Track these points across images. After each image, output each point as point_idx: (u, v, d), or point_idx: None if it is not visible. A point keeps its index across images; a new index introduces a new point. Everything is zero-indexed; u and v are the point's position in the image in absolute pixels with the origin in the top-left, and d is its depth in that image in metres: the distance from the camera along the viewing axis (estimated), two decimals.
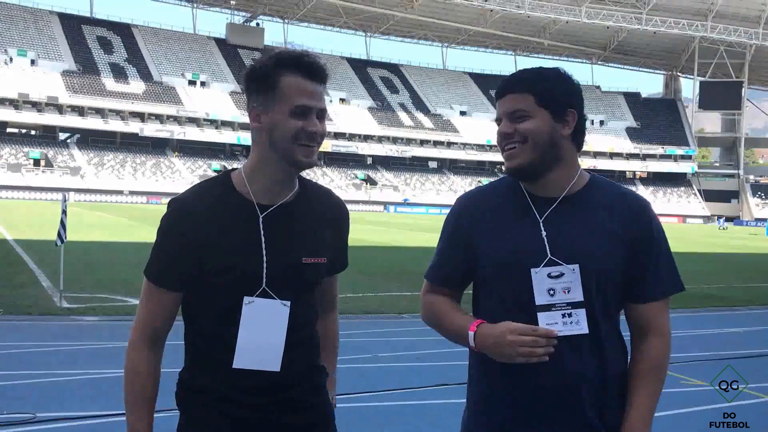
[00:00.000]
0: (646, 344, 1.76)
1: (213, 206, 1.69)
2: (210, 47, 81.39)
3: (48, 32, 71.91)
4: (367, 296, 10.39)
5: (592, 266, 1.69)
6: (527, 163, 1.72)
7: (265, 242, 1.69)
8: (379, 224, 37.74)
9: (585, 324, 1.68)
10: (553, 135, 1.72)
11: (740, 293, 13.07)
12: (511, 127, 1.72)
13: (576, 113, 1.75)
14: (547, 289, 1.69)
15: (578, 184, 1.78)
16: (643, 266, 1.74)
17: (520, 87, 1.73)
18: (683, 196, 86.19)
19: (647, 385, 1.74)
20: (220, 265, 1.67)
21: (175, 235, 1.68)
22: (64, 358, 6.48)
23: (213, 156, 71.49)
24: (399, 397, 5.45)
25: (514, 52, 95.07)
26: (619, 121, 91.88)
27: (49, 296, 9.62)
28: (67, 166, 62.54)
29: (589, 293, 1.69)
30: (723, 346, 8.04)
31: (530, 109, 1.71)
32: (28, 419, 4.62)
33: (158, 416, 1.76)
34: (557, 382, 1.68)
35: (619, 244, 1.71)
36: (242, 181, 1.72)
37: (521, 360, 1.64)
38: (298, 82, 1.64)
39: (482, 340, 1.69)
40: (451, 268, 1.86)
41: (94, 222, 28.81)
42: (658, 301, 1.76)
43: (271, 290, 1.69)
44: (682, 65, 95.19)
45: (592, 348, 1.70)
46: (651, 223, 1.76)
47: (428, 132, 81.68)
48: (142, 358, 1.71)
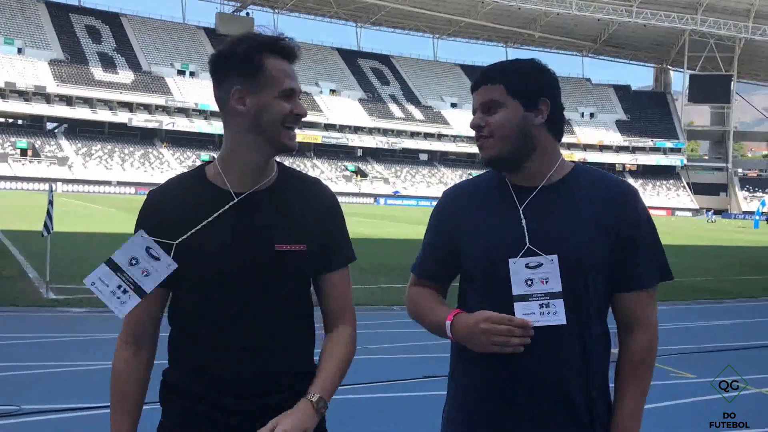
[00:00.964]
0: (631, 337, 1.73)
1: (184, 196, 1.67)
2: (199, 37, 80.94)
3: (35, 20, 71.25)
4: (357, 288, 10.34)
5: (572, 255, 1.66)
6: (497, 154, 1.72)
7: (235, 229, 1.63)
8: (369, 217, 37.73)
9: (563, 314, 1.65)
10: (525, 125, 1.71)
11: (729, 286, 13.15)
12: (482, 120, 1.73)
13: (549, 102, 1.74)
14: (524, 280, 1.67)
15: (560, 173, 1.76)
16: (628, 254, 1.70)
17: (492, 78, 1.73)
18: (672, 188, 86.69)
19: (634, 380, 1.72)
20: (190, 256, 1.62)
21: (149, 228, 1.65)
22: (51, 350, 6.42)
23: (202, 147, 71.20)
24: (386, 390, 5.44)
25: (505, 44, 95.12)
26: (609, 114, 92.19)
27: (36, 288, 9.54)
28: (54, 156, 62.11)
29: (570, 283, 1.67)
30: (712, 338, 8.08)
31: (501, 100, 1.71)
32: (13, 411, 4.58)
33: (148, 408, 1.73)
34: (537, 373, 1.66)
35: (602, 232, 1.68)
36: (216, 171, 1.68)
37: (495, 349, 1.63)
38: (280, 64, 1.63)
39: (458, 330, 1.69)
40: (434, 261, 1.87)
41: (82, 213, 28.64)
42: (644, 291, 1.72)
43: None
44: (672, 58, 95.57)
45: (574, 338, 1.67)
46: (637, 211, 1.72)
47: (419, 124, 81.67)
48: (122, 359, 1.71)
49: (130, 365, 1.70)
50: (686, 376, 6.20)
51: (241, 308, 1.63)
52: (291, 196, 1.71)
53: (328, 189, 1.81)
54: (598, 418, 1.71)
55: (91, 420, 4.54)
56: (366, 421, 4.72)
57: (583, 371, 1.68)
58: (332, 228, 1.76)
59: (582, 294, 1.68)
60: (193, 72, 74.93)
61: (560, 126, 1.80)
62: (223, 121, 1.70)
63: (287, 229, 1.67)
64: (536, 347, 1.64)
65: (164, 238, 1.63)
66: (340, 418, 1.91)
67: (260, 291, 1.64)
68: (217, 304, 1.63)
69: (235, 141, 1.66)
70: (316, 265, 1.73)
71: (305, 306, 1.73)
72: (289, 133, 1.65)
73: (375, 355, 6.53)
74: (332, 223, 1.76)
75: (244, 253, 1.63)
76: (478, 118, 1.73)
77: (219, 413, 1.61)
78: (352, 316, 1.80)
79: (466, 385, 1.77)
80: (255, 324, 1.63)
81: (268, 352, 1.60)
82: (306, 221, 1.70)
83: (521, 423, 1.68)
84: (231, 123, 1.66)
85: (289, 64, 1.66)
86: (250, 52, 1.62)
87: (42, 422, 4.49)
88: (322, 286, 1.76)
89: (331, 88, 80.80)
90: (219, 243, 1.63)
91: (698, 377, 6.19)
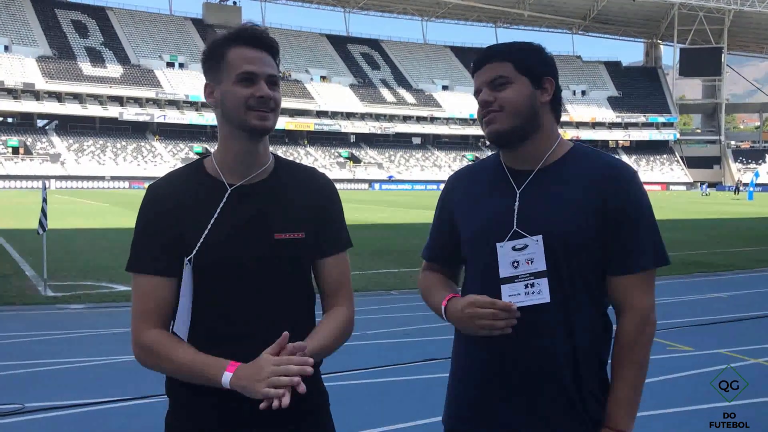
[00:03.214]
0: (622, 321, 1.73)
1: (184, 189, 1.70)
2: (187, 28, 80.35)
3: (21, 17, 70.61)
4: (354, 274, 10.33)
5: (557, 235, 1.67)
6: (507, 128, 1.71)
7: (234, 220, 1.66)
8: (364, 202, 37.71)
9: (547, 293, 1.66)
10: (533, 102, 1.73)
11: (723, 258, 13.22)
12: (491, 95, 1.72)
13: (553, 81, 1.76)
14: (511, 262, 1.70)
15: (556, 155, 1.77)
16: (618, 238, 1.68)
17: (498, 56, 1.73)
18: (666, 163, 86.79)
19: (622, 368, 1.71)
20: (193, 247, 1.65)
21: (150, 221, 1.69)
22: (51, 347, 6.44)
23: (194, 138, 70.91)
24: (387, 374, 5.47)
25: (495, 25, 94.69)
26: (600, 91, 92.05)
27: (34, 285, 9.54)
28: (46, 153, 61.80)
29: (556, 263, 1.68)
30: (708, 311, 8.14)
31: (511, 76, 1.71)
32: (17, 410, 4.60)
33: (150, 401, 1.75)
34: (528, 353, 1.68)
35: (591, 213, 1.68)
36: (213, 164, 1.74)
37: (483, 333, 1.65)
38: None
39: (450, 314, 1.73)
40: (439, 245, 1.92)
41: (76, 209, 28.56)
42: (636, 275, 1.70)
43: (245, 270, 1.65)
44: (662, 33, 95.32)
45: (560, 318, 1.68)
46: (630, 193, 1.70)
47: (411, 108, 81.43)
48: (149, 336, 1.65)
49: (160, 333, 1.66)
50: (683, 348, 6.26)
51: (242, 297, 1.66)
52: (287, 185, 1.75)
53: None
54: (589, 396, 1.71)
55: (94, 416, 4.57)
56: (368, 405, 4.76)
57: (570, 350, 1.69)
58: (329, 215, 1.79)
59: (567, 274, 1.68)
60: (182, 63, 74.46)
61: (560, 108, 1.83)
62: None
63: (285, 218, 1.70)
64: (523, 326, 1.66)
65: (165, 231, 1.66)
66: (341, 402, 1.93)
67: (261, 280, 1.67)
68: (219, 294, 1.65)
69: (221, 133, 1.74)
70: (315, 252, 1.76)
71: (306, 293, 1.77)
72: (256, 114, 1.66)
73: (375, 340, 6.57)
74: (330, 209, 1.80)
75: (243, 244, 1.66)
76: (486, 94, 1.72)
77: (229, 400, 1.63)
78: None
79: (463, 366, 1.81)
80: (258, 312, 1.66)
81: (272, 340, 1.61)
82: (303, 209, 1.74)
83: (513, 400, 1.71)
84: (216, 116, 1.74)
85: (255, 50, 1.67)
86: (215, 44, 1.69)
87: (46, 419, 4.51)
88: (320, 271, 1.79)
89: (322, 75, 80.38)
90: (219, 234, 1.65)
91: (695, 350, 6.24)
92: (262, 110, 1.66)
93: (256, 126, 1.66)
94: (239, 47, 1.67)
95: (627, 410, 1.70)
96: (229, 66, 1.66)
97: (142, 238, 1.69)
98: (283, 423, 1.68)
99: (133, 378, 5.07)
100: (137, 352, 1.68)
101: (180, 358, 1.61)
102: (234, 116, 1.67)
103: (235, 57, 1.66)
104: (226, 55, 1.67)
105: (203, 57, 1.72)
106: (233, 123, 1.68)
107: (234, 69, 1.66)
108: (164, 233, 1.66)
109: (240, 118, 1.66)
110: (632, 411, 1.71)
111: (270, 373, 1.52)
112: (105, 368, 5.69)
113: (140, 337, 1.66)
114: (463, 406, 1.79)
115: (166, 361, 1.63)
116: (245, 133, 1.68)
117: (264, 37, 1.69)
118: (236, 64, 1.66)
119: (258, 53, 1.67)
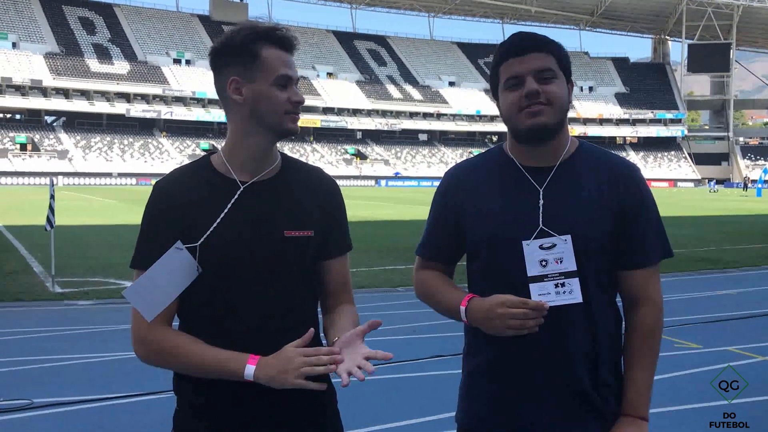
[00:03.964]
0: (636, 314, 1.75)
1: (192, 187, 1.69)
2: (194, 24, 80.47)
3: (28, 14, 70.87)
4: (361, 271, 10.40)
5: (582, 235, 1.68)
6: (552, 123, 1.70)
7: (244, 217, 1.66)
8: (370, 199, 37.72)
9: (579, 293, 1.67)
10: (569, 99, 1.76)
11: (732, 255, 13.15)
12: (540, 87, 1.68)
13: (573, 82, 1.80)
14: (539, 260, 1.68)
15: (568, 152, 1.78)
16: (631, 233, 1.72)
17: (542, 47, 1.71)
18: (674, 160, 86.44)
19: (641, 357, 1.74)
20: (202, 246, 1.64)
21: (157, 218, 1.67)
22: (59, 344, 6.46)
23: (201, 135, 71.07)
24: (395, 370, 5.47)
25: (502, 20, 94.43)
26: (607, 87, 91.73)
27: (42, 282, 9.58)
28: (54, 149, 62.04)
29: (581, 263, 1.68)
30: (716, 308, 8.10)
31: (555, 70, 1.71)
32: (25, 405, 4.62)
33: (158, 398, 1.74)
34: (549, 352, 1.68)
35: (606, 212, 1.70)
36: (221, 161, 1.72)
37: (512, 333, 1.64)
38: (277, 53, 1.66)
39: (473, 315, 1.70)
40: (440, 243, 1.87)
41: (84, 206, 28.66)
42: (647, 269, 1.74)
43: (254, 267, 1.65)
44: (670, 28, 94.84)
45: (584, 317, 1.69)
46: (639, 190, 1.75)
47: (417, 104, 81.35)
48: (161, 334, 1.63)
49: (168, 330, 1.65)
50: (691, 346, 6.23)
51: (251, 294, 1.65)
52: (296, 183, 1.75)
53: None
54: (608, 391, 1.73)
55: (102, 412, 4.59)
56: (376, 401, 4.75)
57: (590, 347, 1.70)
58: (336, 216, 1.81)
59: (589, 273, 1.69)
60: (189, 60, 74.62)
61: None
62: (224, 111, 1.73)
63: (294, 216, 1.70)
64: (546, 325, 1.65)
65: (172, 228, 1.65)
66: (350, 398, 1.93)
67: (269, 277, 1.67)
68: (228, 291, 1.65)
69: (238, 130, 1.70)
70: (321, 252, 1.77)
71: (312, 290, 1.77)
72: (291, 117, 1.68)
73: (382, 336, 6.56)
74: (336, 211, 1.81)
75: (253, 241, 1.66)
76: (536, 84, 1.67)
77: (237, 395, 1.63)
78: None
79: (480, 364, 1.79)
80: (265, 309, 1.66)
81: (279, 336, 1.61)
82: (312, 208, 1.74)
83: (535, 399, 1.70)
84: (232, 113, 1.70)
85: (286, 54, 1.68)
86: (246, 41, 1.65)
87: (54, 415, 4.53)
88: (324, 272, 1.80)
89: (328, 72, 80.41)
90: (229, 232, 1.65)
91: (703, 347, 6.22)
92: (296, 114, 1.69)
93: (291, 129, 1.69)
94: (272, 47, 1.66)
95: (647, 396, 1.73)
96: (264, 66, 1.64)
97: (147, 235, 1.68)
98: (292, 421, 1.68)
99: (140, 374, 5.08)
100: (141, 351, 1.66)
101: (195, 354, 1.60)
102: (268, 117, 1.66)
103: (271, 58, 1.65)
104: (259, 53, 1.64)
105: (226, 50, 1.67)
106: (264, 123, 1.67)
107: (272, 71, 1.64)
108: (170, 230, 1.65)
109: (275, 121, 1.66)
110: (649, 395, 1.74)
111: (302, 363, 1.52)
112: (113, 365, 5.71)
113: (146, 335, 1.64)
114: (482, 404, 1.77)
115: (179, 357, 1.61)
116: (274, 134, 1.69)
117: (293, 41, 1.70)
118: (274, 66, 1.65)
119: (289, 56, 1.68)
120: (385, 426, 4.30)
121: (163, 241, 1.64)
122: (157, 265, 1.62)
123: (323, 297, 1.82)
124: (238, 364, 1.56)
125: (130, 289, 1.63)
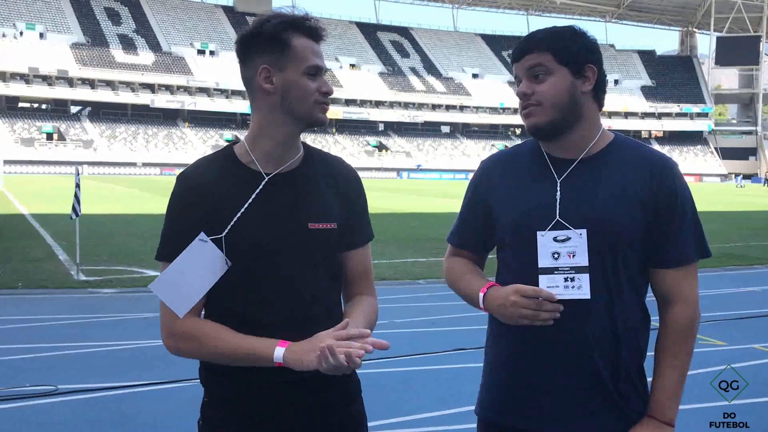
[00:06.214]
0: (669, 313, 1.72)
1: (217, 178, 1.68)
2: (218, 15, 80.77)
3: (55, 5, 71.61)
4: (382, 263, 10.38)
5: (604, 230, 1.65)
6: (545, 122, 1.68)
7: (268, 209, 1.66)
8: (392, 191, 37.70)
9: (587, 289, 1.64)
10: (573, 92, 1.68)
11: (758, 252, 12.95)
12: (529, 88, 1.69)
13: (596, 69, 1.71)
14: (551, 253, 1.67)
15: (599, 144, 1.74)
16: (665, 231, 1.68)
17: (537, 46, 1.69)
18: (700, 154, 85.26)
19: (671, 357, 1.70)
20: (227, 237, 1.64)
21: (183, 209, 1.67)
22: (84, 331, 6.54)
23: (224, 125, 71.44)
24: (416, 363, 5.46)
25: (526, 12, 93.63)
26: (633, 80, 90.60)
27: (66, 269, 9.71)
28: (79, 139, 62.76)
29: (600, 258, 1.65)
30: (742, 305, 7.99)
31: (550, 67, 1.67)
32: (50, 391, 4.68)
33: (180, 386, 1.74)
34: (569, 345, 1.67)
35: (639, 207, 1.66)
36: (245, 151, 1.71)
37: (525, 322, 1.63)
38: (308, 43, 1.66)
39: (490, 302, 1.70)
40: (470, 231, 1.88)
41: (108, 195, 28.99)
42: (681, 267, 1.70)
43: (279, 259, 1.65)
44: (698, 21, 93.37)
45: (602, 312, 1.66)
46: (675, 186, 1.70)
47: (440, 96, 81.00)
48: (189, 324, 1.63)
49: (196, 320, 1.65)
50: (717, 343, 6.15)
51: (277, 285, 1.65)
52: (319, 174, 1.74)
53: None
54: (630, 388, 1.70)
55: (125, 398, 4.63)
56: (396, 393, 4.75)
57: (613, 342, 1.67)
58: (358, 207, 1.80)
59: (611, 267, 1.66)
60: (213, 51, 74.92)
61: (603, 95, 1.77)
62: (250, 101, 1.71)
63: (319, 208, 1.70)
64: (564, 320, 1.64)
65: (196, 219, 1.64)
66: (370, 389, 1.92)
67: (294, 268, 1.66)
68: (253, 282, 1.65)
69: (264, 119, 1.68)
70: (343, 243, 1.76)
71: (336, 281, 1.77)
72: (321, 107, 1.68)
73: (404, 329, 6.56)
74: (357, 201, 1.81)
75: (278, 232, 1.65)
76: (525, 86, 1.69)
77: (262, 388, 1.63)
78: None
79: (501, 355, 1.78)
80: (291, 300, 1.66)
81: (308, 326, 1.61)
82: (335, 200, 1.74)
83: (550, 393, 1.69)
84: (259, 101, 1.68)
85: (315, 44, 1.68)
86: (277, 29, 1.64)
87: (78, 401, 4.59)
88: (346, 262, 1.79)
89: (351, 63, 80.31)
90: (254, 223, 1.65)
91: (728, 344, 6.13)
92: (326, 104, 1.69)
93: (320, 119, 1.68)
94: (302, 37, 1.65)
95: (675, 400, 1.70)
96: (295, 55, 1.64)
97: (172, 227, 1.68)
98: (319, 412, 1.68)
99: (162, 362, 5.13)
100: (171, 342, 1.66)
101: (226, 341, 1.60)
102: (298, 107, 1.65)
103: (301, 47, 1.64)
104: (290, 42, 1.64)
105: (256, 38, 1.65)
106: (293, 113, 1.66)
107: (303, 60, 1.64)
108: (195, 222, 1.64)
109: (306, 110, 1.66)
110: (678, 401, 1.70)
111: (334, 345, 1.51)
112: (135, 352, 5.77)
113: (174, 326, 1.64)
114: (504, 397, 1.76)
115: (209, 346, 1.61)
116: (302, 124, 1.68)
117: (322, 31, 1.69)
118: (304, 55, 1.64)
119: (318, 47, 1.68)
120: (405, 418, 4.30)
121: (188, 233, 1.64)
122: (181, 258, 1.62)
123: (344, 286, 1.82)
124: (268, 347, 1.57)
125: (157, 283, 1.63)
